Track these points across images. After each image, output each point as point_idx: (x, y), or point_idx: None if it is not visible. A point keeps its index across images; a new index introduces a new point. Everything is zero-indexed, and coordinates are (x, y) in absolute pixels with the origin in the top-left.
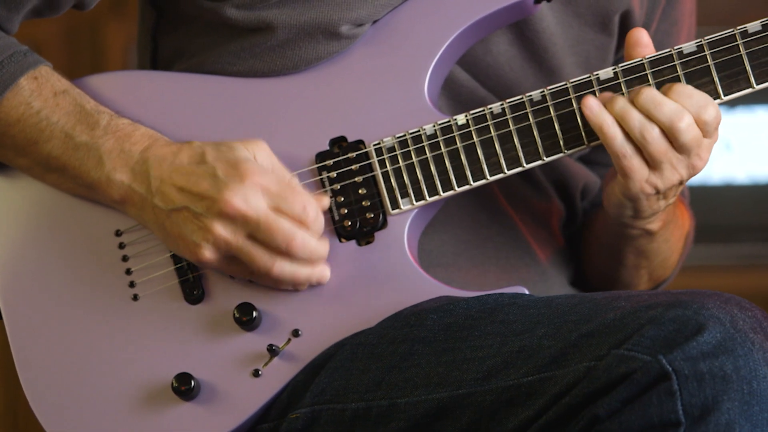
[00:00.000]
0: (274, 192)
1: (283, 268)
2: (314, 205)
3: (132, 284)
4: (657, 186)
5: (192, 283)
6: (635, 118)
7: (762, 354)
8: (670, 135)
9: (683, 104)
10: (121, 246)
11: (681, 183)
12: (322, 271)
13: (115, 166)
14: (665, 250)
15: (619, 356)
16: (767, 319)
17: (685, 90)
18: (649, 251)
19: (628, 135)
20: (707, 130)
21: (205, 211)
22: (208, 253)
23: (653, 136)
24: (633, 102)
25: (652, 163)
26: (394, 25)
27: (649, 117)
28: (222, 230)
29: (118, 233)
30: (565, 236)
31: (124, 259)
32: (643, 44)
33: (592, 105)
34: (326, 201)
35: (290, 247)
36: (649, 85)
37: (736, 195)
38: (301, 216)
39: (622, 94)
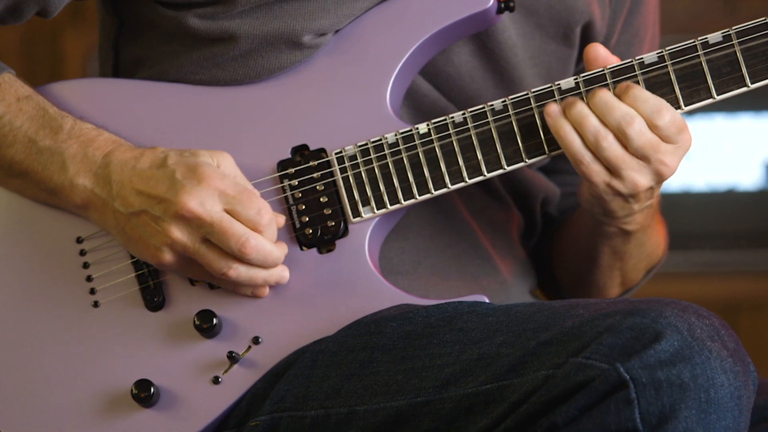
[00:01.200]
0: (230, 195)
1: (239, 270)
2: (269, 211)
3: (93, 291)
4: (620, 190)
5: (153, 290)
6: (591, 123)
7: (719, 362)
8: (622, 140)
9: (637, 108)
10: (82, 253)
11: (650, 188)
12: (281, 273)
13: (78, 170)
14: (639, 253)
15: (577, 364)
16: (725, 327)
17: (641, 94)
18: (624, 252)
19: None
20: (665, 135)
21: (162, 213)
22: (167, 256)
23: (607, 142)
24: (589, 104)
25: (611, 168)
26: (356, 35)
27: (603, 122)
28: (178, 233)
29: (79, 240)
30: (524, 246)
31: (85, 266)
32: (601, 57)
33: (553, 110)
34: (282, 219)
35: (243, 250)
36: (607, 85)
37: (694, 202)
38: (255, 220)
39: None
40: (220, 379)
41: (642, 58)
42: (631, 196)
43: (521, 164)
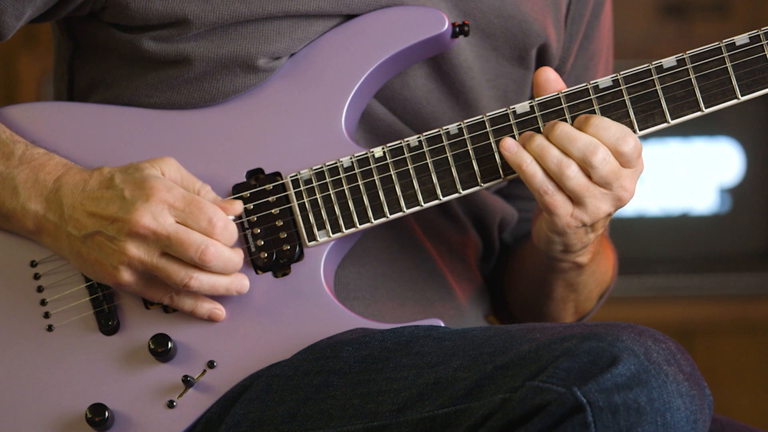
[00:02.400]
0: (179, 208)
1: (201, 279)
2: (221, 216)
3: (47, 315)
4: (583, 220)
5: (107, 313)
6: (553, 155)
7: (675, 386)
8: (586, 170)
9: (599, 137)
10: (36, 277)
11: (609, 215)
12: (241, 281)
13: (30, 195)
14: (592, 282)
15: (533, 388)
16: (681, 351)
17: (601, 123)
18: (578, 284)
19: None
20: (627, 161)
21: (116, 233)
22: (126, 275)
23: (571, 172)
24: (548, 137)
25: (574, 198)
26: (311, 58)
27: (565, 153)
28: (136, 250)
29: (33, 264)
30: (481, 270)
31: (39, 289)
32: (552, 81)
33: (510, 145)
34: (238, 206)
35: (203, 258)
36: (564, 119)
37: (649, 227)
38: (208, 228)
39: (539, 127)
40: (175, 403)
41: (597, 83)
42: (590, 226)
43: (476, 188)
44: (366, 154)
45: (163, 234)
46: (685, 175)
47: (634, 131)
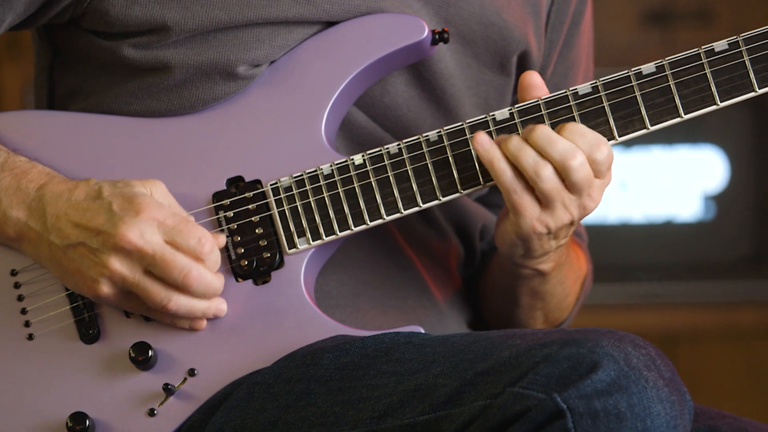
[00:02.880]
0: (169, 226)
1: (179, 302)
2: (210, 239)
3: (27, 324)
4: (548, 225)
5: (88, 322)
6: (529, 155)
7: (655, 391)
8: (562, 173)
9: (576, 143)
10: (17, 285)
11: (572, 224)
12: (219, 305)
13: (12, 202)
14: (560, 292)
15: (514, 394)
16: (661, 357)
17: (577, 129)
18: (544, 292)
19: (520, 173)
20: (599, 170)
21: (100, 246)
22: (105, 288)
23: (547, 173)
24: (527, 139)
25: (543, 201)
26: (291, 65)
27: (543, 154)
28: (118, 265)
29: (13, 273)
30: (463, 277)
31: (20, 298)
32: (536, 86)
33: (483, 140)
34: (222, 239)
35: (186, 281)
36: (542, 116)
37: (632, 234)
38: (196, 249)
39: (518, 133)
40: (155, 412)
41: (576, 89)
42: (554, 232)
43: (456, 195)
44: (346, 161)
45: (148, 252)
46: (669, 183)
47: (614, 137)
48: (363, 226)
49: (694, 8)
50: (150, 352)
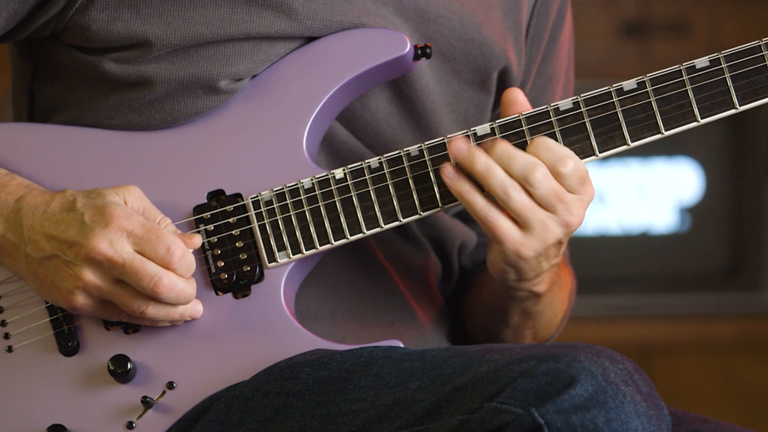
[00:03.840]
0: (138, 235)
1: (156, 310)
2: (180, 246)
3: (6, 336)
4: (534, 247)
5: (67, 334)
6: (497, 175)
7: (633, 406)
8: (526, 188)
9: (539, 156)
10: None
11: (560, 242)
12: (194, 306)
13: None
14: (550, 311)
15: (492, 409)
16: (638, 372)
17: (543, 142)
18: (535, 313)
19: (491, 198)
20: (568, 185)
21: (74, 257)
22: (80, 299)
23: (515, 192)
24: (489, 154)
25: (520, 222)
26: (273, 80)
27: (506, 171)
28: (91, 276)
29: None
30: (442, 292)
31: None
32: (519, 102)
33: (449, 173)
34: (198, 240)
35: (156, 290)
36: (524, 141)
37: (609, 246)
38: (164, 258)
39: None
40: (134, 425)
41: (557, 105)
42: (541, 254)
43: (436, 210)
44: (327, 175)
45: (118, 261)
46: (645, 195)
47: (594, 153)
48: (343, 240)
49: (671, 20)
50: (129, 365)
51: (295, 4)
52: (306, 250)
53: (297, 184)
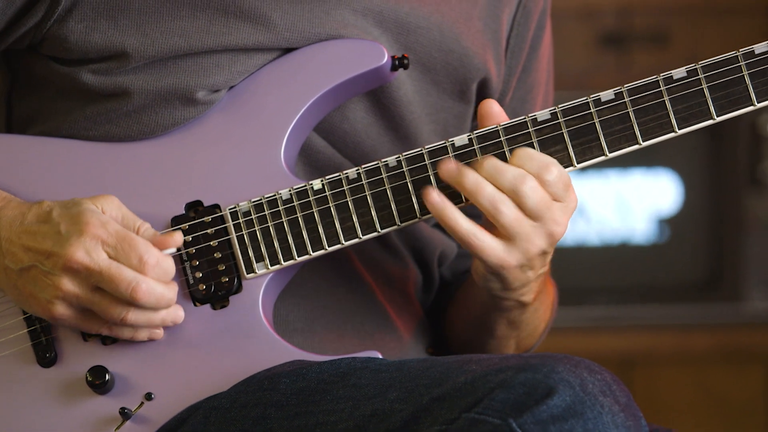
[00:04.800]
0: (111, 243)
1: (137, 315)
2: (153, 253)
3: None
4: (517, 259)
5: (45, 345)
6: (487, 191)
7: (611, 417)
8: (516, 200)
9: (524, 166)
10: None
11: (545, 252)
12: (175, 312)
13: None
14: (535, 320)
15: (470, 420)
16: (616, 382)
17: (525, 153)
18: (521, 322)
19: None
20: (554, 192)
21: (51, 268)
22: (60, 309)
23: (506, 206)
24: (480, 172)
25: (506, 234)
26: (250, 91)
27: (496, 186)
28: (70, 285)
29: None
30: (422, 302)
31: None
32: (495, 114)
33: (434, 200)
34: (177, 238)
35: (134, 296)
36: (502, 152)
37: (588, 257)
38: (138, 266)
39: (477, 161)
40: None
41: (535, 116)
42: (525, 264)
43: (415, 221)
44: (305, 186)
45: (95, 269)
46: (623, 206)
47: (572, 164)
48: (321, 251)
49: (650, 31)
50: (107, 376)
51: (273, 16)
52: (284, 261)
53: (275, 195)
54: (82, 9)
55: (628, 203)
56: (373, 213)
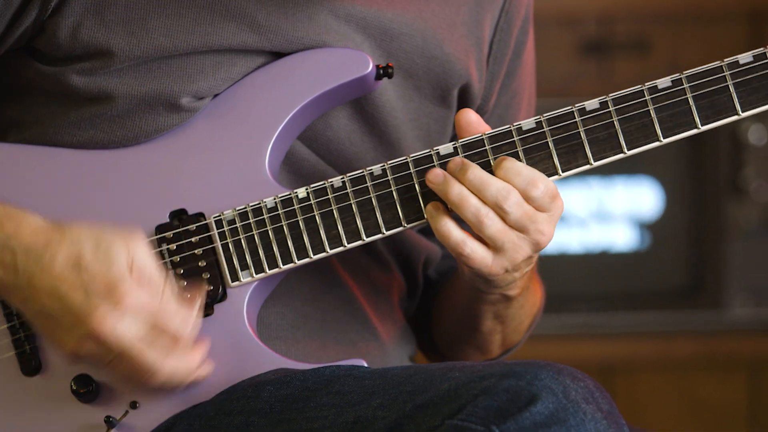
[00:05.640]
0: (145, 317)
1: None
2: (187, 325)
3: None
4: (504, 266)
5: (29, 354)
6: (472, 204)
7: (594, 424)
8: (500, 214)
9: (510, 180)
10: None
11: (530, 257)
12: (201, 372)
13: None
14: (520, 315)
15: (453, 426)
16: (599, 390)
17: (513, 167)
18: (506, 316)
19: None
20: (540, 206)
21: (71, 326)
22: (74, 360)
23: (489, 219)
24: (461, 180)
25: (492, 245)
26: (235, 99)
27: (479, 197)
28: (88, 350)
29: None
30: (406, 310)
31: None
32: (473, 123)
33: (432, 212)
34: (199, 302)
35: (149, 382)
36: (487, 160)
37: (570, 264)
38: (170, 343)
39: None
40: None
41: (520, 124)
42: (510, 269)
43: (400, 229)
44: (290, 194)
45: (115, 348)
46: (605, 213)
47: (557, 173)
48: (306, 260)
49: (632, 39)
50: (92, 385)
51: (257, 16)
52: (269, 270)
53: (260, 204)
54: (71, 4)
55: (609, 210)
56: (359, 221)
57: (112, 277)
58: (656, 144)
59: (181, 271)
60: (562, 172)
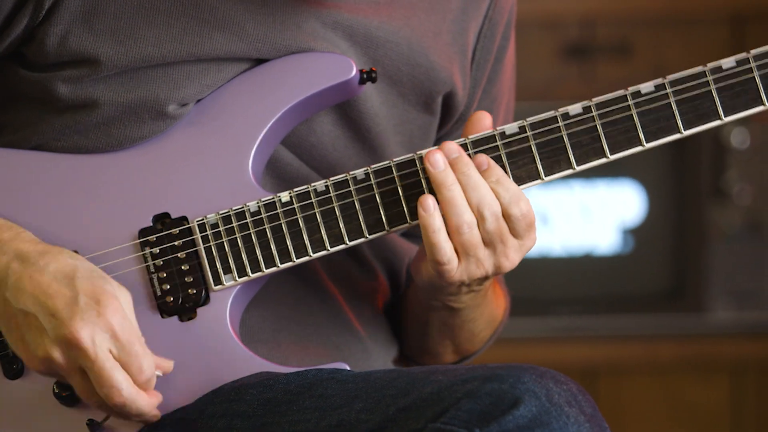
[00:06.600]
0: (122, 340)
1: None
2: (152, 369)
3: None
4: (461, 277)
5: (11, 357)
6: (456, 210)
7: (577, 427)
8: (477, 218)
9: (497, 193)
10: None
11: (486, 277)
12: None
13: None
14: (472, 328)
15: (435, 430)
16: (582, 393)
17: (504, 181)
18: (453, 326)
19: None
20: (514, 227)
21: (50, 329)
22: (41, 367)
23: (467, 226)
24: (453, 167)
25: (459, 252)
26: (218, 104)
27: (464, 195)
28: (58, 354)
29: None
30: (388, 313)
31: None
32: (486, 128)
33: (427, 206)
34: (170, 365)
35: (110, 400)
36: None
37: (552, 267)
38: (136, 373)
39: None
40: None
41: (503, 129)
42: (464, 283)
43: (383, 233)
44: (273, 198)
45: (90, 356)
46: (588, 216)
47: (540, 177)
48: (289, 263)
49: (613, 42)
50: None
51: (246, 25)
52: (252, 273)
53: (243, 208)
54: (60, 12)
55: (592, 214)
56: (341, 225)
57: (101, 293)
58: (639, 149)
59: (164, 275)
60: (545, 176)
